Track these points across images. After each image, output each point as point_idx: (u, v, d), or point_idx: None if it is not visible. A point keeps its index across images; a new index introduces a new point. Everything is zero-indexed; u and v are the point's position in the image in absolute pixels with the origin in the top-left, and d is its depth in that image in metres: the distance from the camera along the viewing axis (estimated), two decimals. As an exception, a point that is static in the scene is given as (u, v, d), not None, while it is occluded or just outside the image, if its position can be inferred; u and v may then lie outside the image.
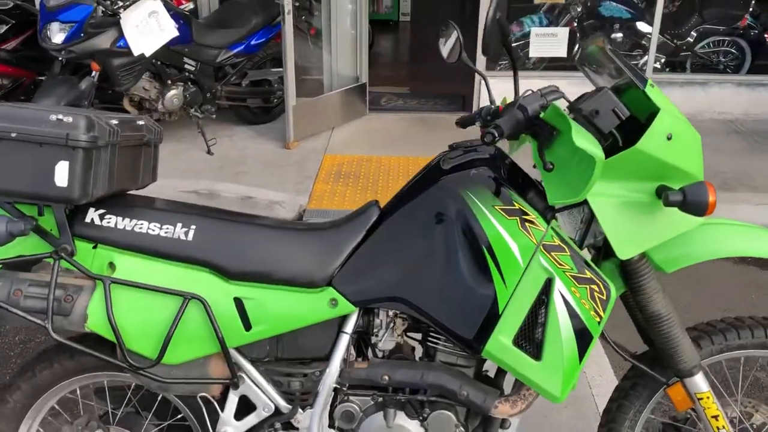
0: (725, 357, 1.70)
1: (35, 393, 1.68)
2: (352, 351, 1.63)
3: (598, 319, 1.50)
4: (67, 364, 1.67)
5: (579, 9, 5.92)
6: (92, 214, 1.55)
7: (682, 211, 1.44)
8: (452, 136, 5.25)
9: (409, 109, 6.07)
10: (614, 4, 6.07)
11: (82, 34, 4.02)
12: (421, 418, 1.61)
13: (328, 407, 1.62)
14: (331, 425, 1.64)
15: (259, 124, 5.36)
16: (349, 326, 1.60)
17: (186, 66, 4.65)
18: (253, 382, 1.60)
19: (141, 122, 1.69)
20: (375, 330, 1.65)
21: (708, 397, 1.62)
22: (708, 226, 1.61)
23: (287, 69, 4.77)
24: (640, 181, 1.51)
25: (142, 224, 1.55)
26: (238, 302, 1.54)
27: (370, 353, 1.68)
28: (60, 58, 4.20)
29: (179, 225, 1.56)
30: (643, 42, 6.05)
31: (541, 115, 1.47)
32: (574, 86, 5.73)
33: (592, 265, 1.51)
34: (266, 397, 1.61)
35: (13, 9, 4.60)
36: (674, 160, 1.48)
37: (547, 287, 1.49)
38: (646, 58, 5.98)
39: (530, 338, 1.51)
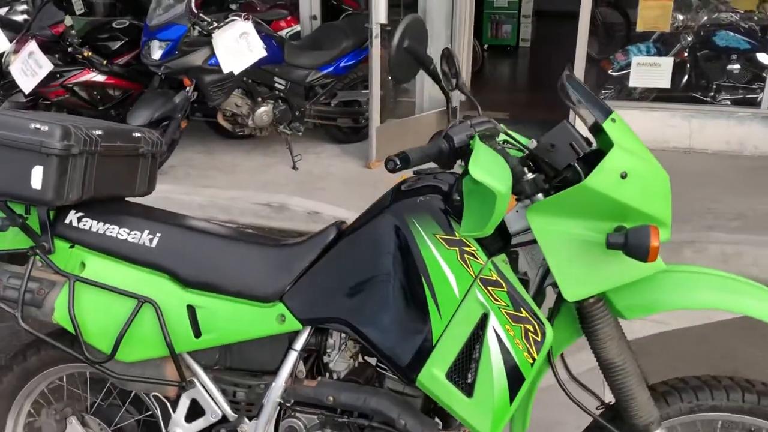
0: (699, 418, 1.56)
1: (25, 376, 1.84)
2: (302, 368, 1.65)
3: (531, 361, 1.44)
4: (53, 353, 1.81)
5: (690, 38, 5.61)
6: (72, 216, 1.68)
7: (625, 255, 1.35)
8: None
9: (501, 135, 5.99)
10: (732, 33, 5.70)
11: (176, 52, 4.33)
12: (358, 442, 1.60)
13: (273, 420, 1.65)
14: (277, 439, 1.67)
15: (348, 143, 5.50)
16: (299, 344, 1.62)
17: (276, 85, 4.88)
18: (203, 387, 1.67)
19: (137, 134, 1.81)
20: (328, 350, 1.66)
21: (665, 460, 1.50)
22: (675, 274, 1.49)
23: (372, 91, 4.88)
24: (595, 221, 1.43)
25: (113, 229, 1.66)
26: (191, 309, 1.61)
27: (327, 372, 1.70)
28: (159, 73, 4.54)
29: (146, 232, 1.66)
30: (764, 74, 5.63)
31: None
32: (678, 119, 5.46)
33: (531, 304, 1.45)
34: (214, 403, 1.66)
35: (129, 27, 5.04)
36: (630, 200, 1.39)
37: (483, 322, 1.45)
38: (765, 92, 5.56)
39: (463, 373, 1.46)
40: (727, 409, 1.53)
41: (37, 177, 1.56)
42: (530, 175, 1.48)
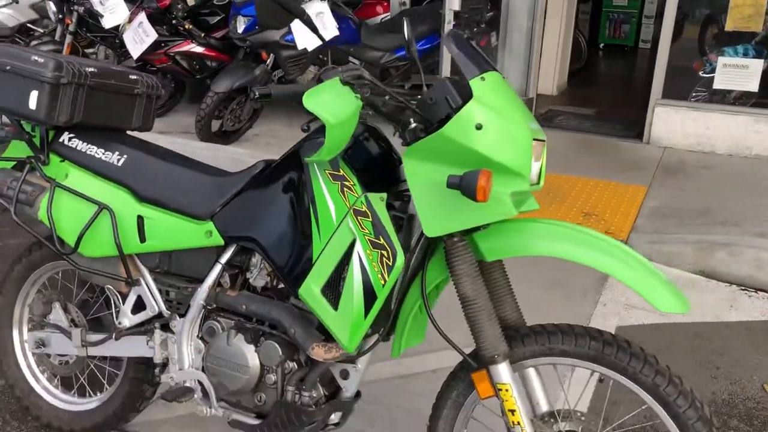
0: (552, 362, 1.68)
1: (30, 267, 2.26)
2: (227, 280, 1.94)
3: (382, 282, 1.64)
4: (51, 251, 2.21)
5: (791, 41, 5.32)
6: (65, 137, 2.07)
7: (462, 195, 1.52)
8: (599, 161, 5.10)
9: (578, 129, 5.97)
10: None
11: (257, 27, 4.75)
12: (256, 343, 1.86)
13: (198, 321, 1.95)
14: (200, 337, 1.97)
15: (421, 125, 5.71)
16: (223, 258, 1.91)
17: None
18: (147, 286, 2.00)
19: (134, 77, 2.17)
20: (251, 268, 1.94)
21: (507, 390, 1.63)
22: (537, 224, 1.63)
23: (441, 73, 5.08)
24: (454, 167, 1.59)
25: (93, 149, 2.03)
26: (140, 219, 1.94)
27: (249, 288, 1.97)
28: (243, 47, 5.00)
29: (116, 153, 2.01)
30: None
31: None
32: (763, 124, 5.19)
33: (391, 234, 1.64)
34: (153, 300, 1.99)
35: (227, 4, 5.55)
36: (482, 149, 1.55)
37: (351, 247, 1.67)
38: None
39: (333, 290, 1.69)
40: (574, 355, 1.64)
41: (33, 99, 1.94)
42: (413, 125, 1.67)
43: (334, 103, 1.52)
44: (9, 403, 2.43)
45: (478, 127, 1.55)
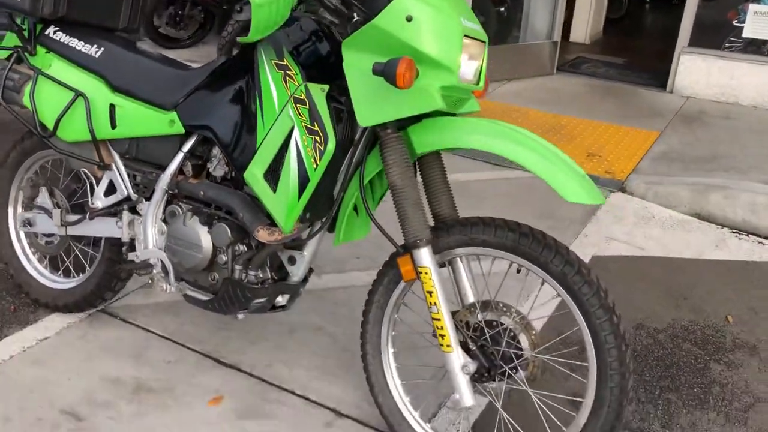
0: (475, 252, 1.77)
1: (23, 154, 2.44)
2: (189, 169, 2.07)
3: (314, 166, 1.75)
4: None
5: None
6: (51, 30, 2.21)
7: (386, 82, 1.60)
8: (617, 107, 5.05)
9: (603, 76, 5.90)
10: None
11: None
12: (209, 226, 2.01)
13: (162, 204, 2.10)
14: (163, 220, 2.12)
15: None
16: (185, 147, 2.04)
17: None
18: (117, 171, 2.15)
19: (119, -27, 2.30)
20: (212, 158, 2.07)
21: (426, 273, 1.73)
22: (466, 120, 1.70)
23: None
24: (386, 57, 1.67)
25: (74, 41, 2.17)
26: (112, 107, 2.09)
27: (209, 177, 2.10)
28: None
29: (95, 45, 2.15)
30: None
31: None
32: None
33: (326, 122, 1.74)
34: (123, 184, 2.15)
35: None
36: (412, 41, 1.62)
37: (290, 133, 1.78)
38: None
39: (273, 174, 1.81)
40: (494, 245, 1.73)
41: (19, -10, 2.09)
42: (355, 19, 1.75)
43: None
44: (4, 279, 2.64)
45: (408, 19, 1.62)
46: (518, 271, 1.77)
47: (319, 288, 2.73)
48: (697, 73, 5.36)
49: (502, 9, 5.65)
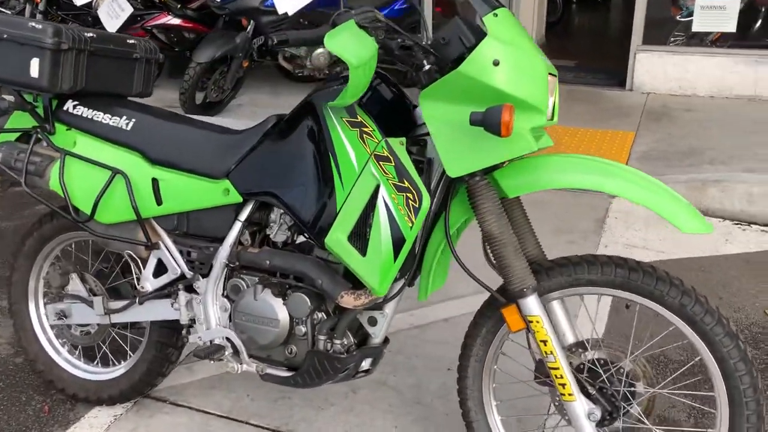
0: (579, 292, 1.72)
1: (42, 240, 2.24)
2: (248, 237, 1.94)
3: (410, 224, 1.66)
4: (63, 221, 2.19)
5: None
6: (69, 104, 2.04)
7: (486, 132, 1.53)
8: (585, 110, 5.14)
9: (561, 81, 5.96)
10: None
11: (235, -6, 4.68)
12: (283, 297, 1.88)
13: (222, 279, 1.96)
14: (225, 295, 1.97)
15: (405, 86, 5.70)
16: (243, 215, 1.91)
17: (333, 27, 5.14)
18: (166, 249, 2.00)
19: (132, 41, 2.14)
20: (271, 224, 1.94)
21: (538, 321, 1.67)
22: (555, 157, 1.65)
23: (426, 34, 5.05)
24: (474, 105, 1.60)
25: (99, 115, 2.01)
26: (155, 182, 1.93)
27: (270, 244, 1.98)
28: (223, 15, 4.93)
29: (124, 117, 1.99)
30: None
31: None
32: (742, 65, 5.25)
33: (415, 177, 1.65)
34: (174, 262, 1.99)
35: (202, -26, 5.45)
36: (503, 85, 1.56)
37: (375, 192, 1.68)
38: None
39: (360, 236, 1.70)
40: (601, 283, 1.68)
41: (34, 67, 1.91)
42: (428, 67, 1.67)
43: (354, 45, 1.52)
44: (29, 378, 2.42)
45: (495, 63, 1.55)
46: (627, 306, 1.73)
47: (366, 338, 2.62)
48: (654, 69, 5.51)
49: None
